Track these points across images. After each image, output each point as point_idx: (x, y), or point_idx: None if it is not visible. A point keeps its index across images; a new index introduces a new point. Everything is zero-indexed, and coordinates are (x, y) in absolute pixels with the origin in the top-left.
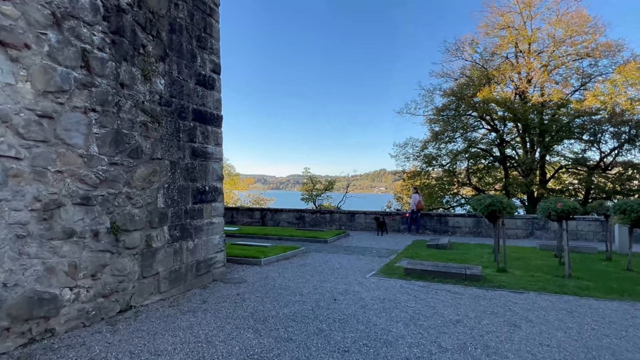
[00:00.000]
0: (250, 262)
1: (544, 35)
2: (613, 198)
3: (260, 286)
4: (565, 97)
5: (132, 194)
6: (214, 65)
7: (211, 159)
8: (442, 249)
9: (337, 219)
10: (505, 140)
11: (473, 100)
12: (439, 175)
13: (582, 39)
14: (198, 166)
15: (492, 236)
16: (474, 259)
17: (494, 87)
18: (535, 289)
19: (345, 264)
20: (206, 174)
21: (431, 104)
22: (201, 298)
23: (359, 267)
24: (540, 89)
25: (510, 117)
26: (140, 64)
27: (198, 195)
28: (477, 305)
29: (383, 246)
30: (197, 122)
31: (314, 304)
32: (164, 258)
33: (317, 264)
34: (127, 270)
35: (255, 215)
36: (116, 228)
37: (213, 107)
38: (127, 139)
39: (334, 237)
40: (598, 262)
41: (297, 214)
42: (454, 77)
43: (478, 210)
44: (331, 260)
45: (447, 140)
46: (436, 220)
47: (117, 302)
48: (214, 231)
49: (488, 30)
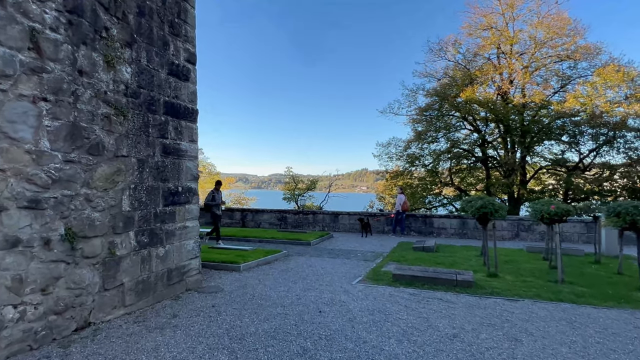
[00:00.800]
0: (229, 268)
1: (525, 37)
2: (591, 199)
3: (239, 296)
4: (546, 98)
5: (92, 195)
6: (188, 55)
7: (185, 156)
8: (428, 251)
9: (321, 219)
10: (487, 140)
11: (456, 101)
12: (421, 175)
13: (562, 41)
14: (170, 165)
15: (477, 238)
16: (462, 263)
17: (477, 87)
18: (530, 296)
19: (330, 269)
20: (179, 174)
21: (414, 103)
22: (172, 311)
23: (345, 273)
24: (521, 90)
25: (492, 117)
26: (103, 49)
27: (170, 197)
28: (473, 316)
29: (368, 249)
30: (169, 116)
31: (297, 318)
32: (129, 267)
33: (300, 269)
34: (85, 283)
35: (236, 215)
36: (72, 235)
37: (187, 100)
38: (86, 133)
39: (318, 239)
40: (587, 265)
41: (279, 214)
42: (437, 77)
43: (469, 212)
44: (315, 264)
45: (430, 140)
46: (421, 221)
47: (73, 319)
48: (188, 236)
49: (471, 30)
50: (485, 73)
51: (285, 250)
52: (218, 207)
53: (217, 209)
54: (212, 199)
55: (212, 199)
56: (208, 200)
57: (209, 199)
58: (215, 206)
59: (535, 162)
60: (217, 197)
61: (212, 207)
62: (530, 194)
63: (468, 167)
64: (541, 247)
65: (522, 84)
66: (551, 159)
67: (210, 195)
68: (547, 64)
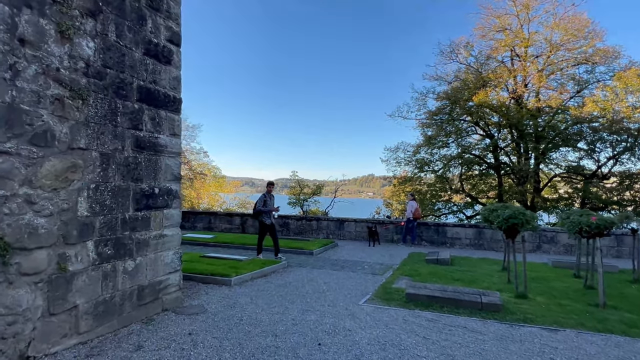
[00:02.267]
0: (218, 282)
1: (540, 39)
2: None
3: (224, 319)
4: (563, 102)
5: (35, 196)
6: (171, 34)
7: (164, 152)
8: (443, 264)
9: (325, 226)
10: (500, 146)
11: (467, 105)
12: (430, 181)
13: (580, 43)
14: (144, 161)
15: (495, 249)
16: (484, 279)
17: (490, 90)
18: (571, 325)
19: (334, 284)
20: (156, 172)
21: (424, 107)
22: (137, 340)
23: (350, 289)
24: (535, 94)
25: (505, 123)
26: (56, 16)
27: (144, 200)
28: (508, 354)
29: (376, 260)
30: (145, 104)
31: (290, 353)
32: (86, 285)
33: (299, 284)
34: (22, 307)
35: (235, 221)
36: (5, 246)
37: (169, 87)
38: (28, 118)
39: (321, 248)
40: (625, 284)
41: (281, 220)
42: (447, 81)
43: (495, 223)
44: (317, 278)
45: (440, 145)
46: (434, 230)
47: (3, 354)
48: (166, 246)
49: (484, 32)
50: (498, 76)
51: (285, 261)
52: (269, 215)
53: (267, 217)
54: (263, 204)
55: (264, 205)
56: (259, 206)
57: (260, 204)
58: (267, 213)
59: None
60: (269, 202)
61: (263, 214)
62: (545, 202)
63: (480, 174)
64: (569, 261)
65: (537, 87)
66: (567, 166)
67: (262, 200)
68: (563, 67)
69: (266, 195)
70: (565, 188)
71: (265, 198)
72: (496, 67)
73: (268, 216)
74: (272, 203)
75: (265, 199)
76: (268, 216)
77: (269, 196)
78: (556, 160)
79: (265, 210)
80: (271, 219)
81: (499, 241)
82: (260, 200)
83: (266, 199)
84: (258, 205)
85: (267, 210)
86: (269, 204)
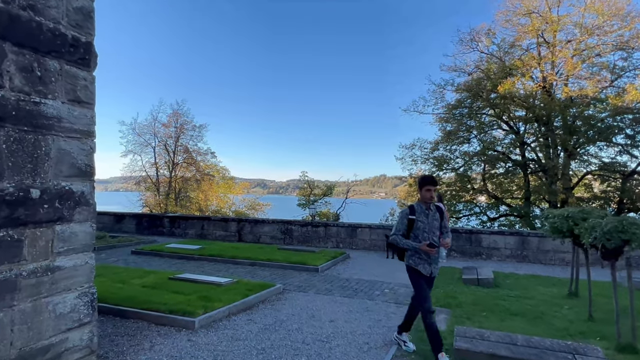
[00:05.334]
0: (177, 323)
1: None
2: None
3: None
4: (600, 91)
5: None
6: None
7: (54, 129)
8: (486, 286)
9: (334, 233)
10: (526, 142)
11: (490, 97)
12: (450, 180)
13: (618, 25)
14: (12, 142)
15: (543, 262)
16: (551, 313)
17: (518, 79)
18: None
19: (343, 324)
20: (37, 162)
21: (442, 100)
22: None
23: (367, 334)
24: (564, 84)
25: (532, 116)
26: None
27: (8, 209)
28: None
29: (399, 280)
30: (9, 43)
31: None
32: None
33: (295, 325)
34: None
35: (231, 227)
36: None
37: (66, 21)
38: None
39: (329, 262)
40: None
41: (284, 226)
42: (467, 71)
43: (586, 238)
44: (321, 312)
45: (460, 141)
46: (465, 239)
47: None
48: (62, 285)
49: (507, 17)
50: (526, 64)
51: (281, 283)
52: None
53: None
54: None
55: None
56: (398, 232)
57: (400, 229)
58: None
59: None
60: (424, 224)
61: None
62: (579, 202)
63: (507, 172)
64: None
65: (570, 74)
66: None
67: (403, 221)
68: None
69: (416, 209)
70: (601, 186)
71: (414, 215)
72: (521, 55)
73: (425, 258)
74: (433, 224)
75: (413, 218)
76: (425, 258)
77: (424, 211)
78: (589, 156)
79: (412, 246)
80: (434, 263)
81: (547, 252)
82: (401, 222)
83: (415, 217)
84: (397, 232)
85: (417, 248)
86: (426, 229)
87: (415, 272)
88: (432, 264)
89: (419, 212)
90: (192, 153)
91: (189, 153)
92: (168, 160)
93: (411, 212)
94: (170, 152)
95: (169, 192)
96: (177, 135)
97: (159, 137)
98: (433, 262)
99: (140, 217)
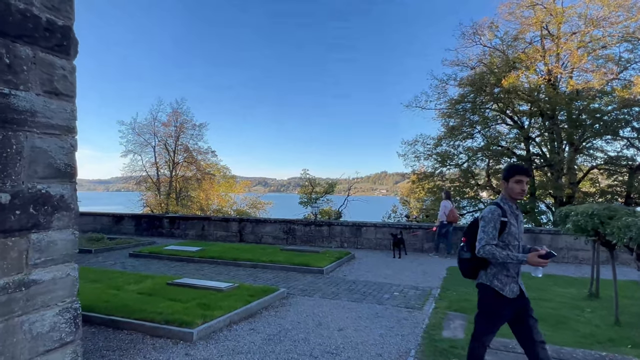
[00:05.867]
0: (174, 335)
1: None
2: None
3: None
4: (606, 83)
5: None
6: None
7: (28, 124)
8: None
9: (339, 232)
10: (531, 137)
11: (494, 92)
12: (454, 176)
13: (624, 16)
14: None
15: (555, 260)
16: (574, 317)
17: (522, 72)
18: None
19: (352, 333)
20: (6, 162)
21: (444, 95)
22: None
23: (379, 344)
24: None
25: (537, 109)
26: None
27: None
28: None
29: (408, 281)
30: None
31: None
32: None
33: (300, 336)
34: None
35: (232, 227)
36: None
37: (41, 2)
38: None
39: (334, 263)
40: None
41: (286, 225)
42: (470, 66)
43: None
44: (327, 319)
45: (464, 136)
46: None
47: None
48: (40, 301)
49: (510, 10)
50: (531, 57)
51: (284, 287)
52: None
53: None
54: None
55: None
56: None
57: (489, 236)
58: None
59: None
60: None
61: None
62: (585, 197)
63: None
64: None
65: (576, 66)
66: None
67: (492, 224)
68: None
69: (505, 208)
70: (607, 181)
71: (507, 217)
72: (525, 49)
73: (513, 274)
74: (521, 229)
75: (505, 220)
76: (513, 274)
77: (514, 211)
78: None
79: (519, 260)
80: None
81: (560, 249)
82: (492, 226)
83: (507, 219)
84: (489, 241)
85: (524, 261)
86: (517, 234)
87: (498, 298)
88: (519, 280)
89: (509, 213)
90: (193, 152)
91: (189, 152)
92: (168, 160)
93: (505, 211)
94: (171, 151)
95: (170, 192)
96: (177, 134)
97: (158, 136)
98: (519, 277)
99: (139, 217)
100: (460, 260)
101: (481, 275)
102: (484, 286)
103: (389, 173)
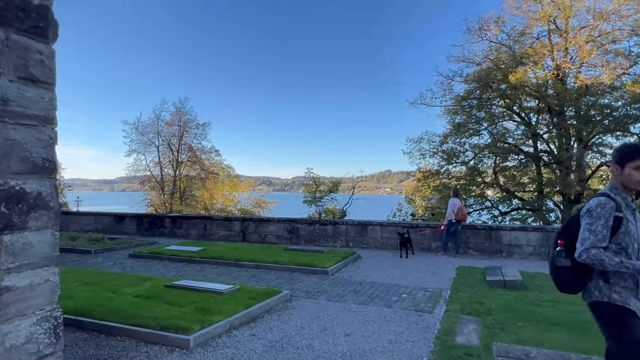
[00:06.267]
0: (169, 342)
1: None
2: None
3: None
4: (616, 78)
5: None
6: None
7: (0, 114)
8: (513, 288)
9: (343, 231)
10: (539, 133)
11: (500, 88)
12: (460, 174)
13: (634, 9)
14: None
15: None
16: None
17: (530, 67)
18: None
19: (359, 339)
20: None
21: (450, 92)
22: None
23: (389, 353)
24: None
25: (544, 105)
26: None
27: None
28: None
29: (416, 282)
30: None
31: None
32: None
33: (304, 342)
34: None
35: (235, 226)
36: None
37: None
38: None
39: (339, 263)
40: None
41: (290, 225)
42: (476, 62)
43: None
44: (333, 324)
45: (470, 133)
46: (484, 236)
47: None
48: (14, 311)
49: (517, 4)
50: (538, 52)
51: (288, 289)
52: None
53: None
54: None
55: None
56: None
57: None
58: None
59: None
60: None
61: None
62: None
63: (520, 164)
64: None
65: (585, 60)
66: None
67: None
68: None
69: (618, 201)
70: None
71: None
72: (532, 44)
73: (634, 286)
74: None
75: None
76: (634, 286)
77: (630, 204)
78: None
79: (629, 268)
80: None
81: None
82: (603, 223)
83: (623, 215)
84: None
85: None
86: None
87: (622, 313)
88: (629, 293)
89: (624, 207)
90: (196, 151)
91: (193, 151)
92: (172, 159)
93: (617, 206)
94: (174, 150)
95: (174, 191)
96: (181, 133)
97: (162, 135)
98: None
99: (140, 217)
100: (556, 268)
101: (591, 290)
102: (601, 305)
103: (394, 171)
